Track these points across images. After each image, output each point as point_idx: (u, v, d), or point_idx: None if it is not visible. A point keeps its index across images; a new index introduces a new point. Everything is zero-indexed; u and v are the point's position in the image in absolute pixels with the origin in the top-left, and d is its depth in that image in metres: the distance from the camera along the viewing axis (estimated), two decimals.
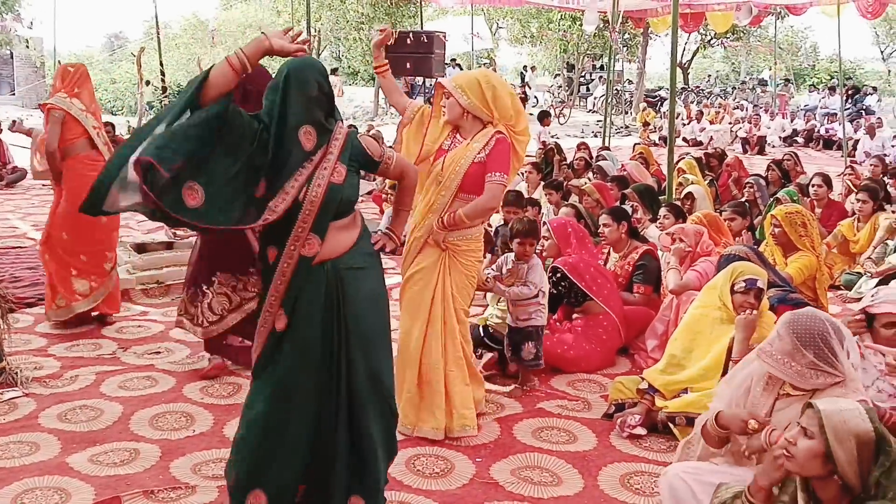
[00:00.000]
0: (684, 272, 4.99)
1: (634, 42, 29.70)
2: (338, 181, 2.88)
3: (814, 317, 2.74)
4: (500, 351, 4.82)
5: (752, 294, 3.88)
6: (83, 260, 5.45)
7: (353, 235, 2.99)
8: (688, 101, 24.04)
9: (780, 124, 19.88)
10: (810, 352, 2.66)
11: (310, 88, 2.83)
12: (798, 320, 2.73)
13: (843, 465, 2.19)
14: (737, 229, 6.10)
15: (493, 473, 3.65)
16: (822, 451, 2.21)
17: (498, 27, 32.92)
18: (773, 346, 2.74)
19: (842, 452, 2.19)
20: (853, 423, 2.20)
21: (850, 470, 2.19)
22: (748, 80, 31.19)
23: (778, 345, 2.72)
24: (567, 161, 10.56)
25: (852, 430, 2.20)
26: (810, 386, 2.69)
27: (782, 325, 2.76)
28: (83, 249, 5.44)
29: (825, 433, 2.21)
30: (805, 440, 2.26)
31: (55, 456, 3.68)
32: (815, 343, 2.67)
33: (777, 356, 2.72)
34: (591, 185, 7.52)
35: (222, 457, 3.70)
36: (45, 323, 5.53)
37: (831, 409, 2.24)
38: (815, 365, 2.67)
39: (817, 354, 2.66)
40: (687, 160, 9.09)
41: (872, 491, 2.16)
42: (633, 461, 3.82)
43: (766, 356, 2.76)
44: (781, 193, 7.47)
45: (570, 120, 24.59)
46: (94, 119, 5.53)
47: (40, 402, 4.25)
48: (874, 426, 2.20)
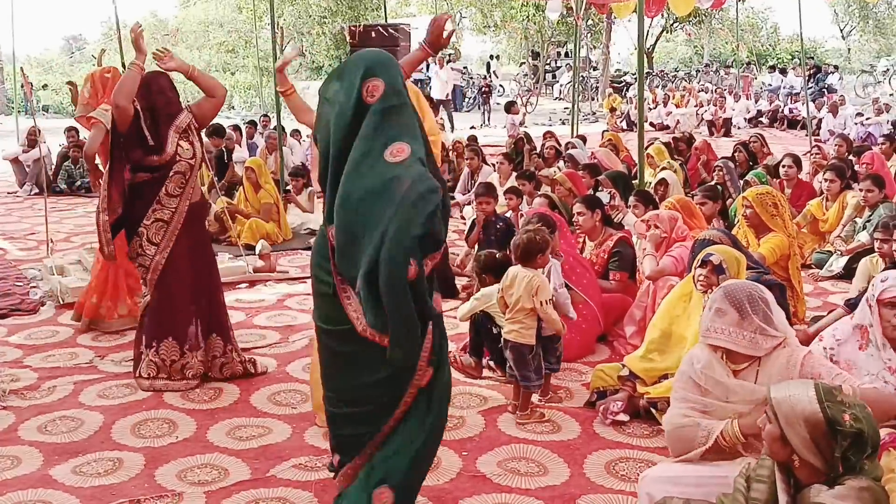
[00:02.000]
0: (660, 258, 5.04)
1: (598, 28, 29.81)
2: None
3: (742, 284, 2.90)
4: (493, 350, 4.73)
5: (707, 268, 3.93)
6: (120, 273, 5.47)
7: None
8: (653, 86, 24.19)
9: (745, 106, 20.09)
10: (758, 315, 2.79)
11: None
12: (733, 291, 2.86)
13: (800, 448, 2.23)
14: (708, 213, 6.15)
15: (480, 466, 3.67)
16: (779, 434, 2.26)
17: (461, 17, 32.88)
18: (717, 323, 2.83)
19: (794, 436, 2.23)
20: (800, 408, 2.23)
21: (808, 452, 2.22)
22: (711, 62, 31.46)
23: (724, 319, 2.82)
24: (536, 150, 10.61)
25: (800, 414, 2.23)
26: (762, 352, 2.80)
27: (720, 300, 2.86)
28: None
29: (778, 418, 2.26)
30: (768, 424, 2.30)
31: (38, 469, 3.64)
32: (757, 305, 2.80)
33: (728, 330, 2.82)
34: (563, 174, 7.56)
35: (207, 462, 3.69)
36: (19, 334, 5.45)
37: (781, 396, 2.28)
38: (763, 329, 2.79)
39: (763, 317, 2.79)
40: (656, 145, 9.17)
41: (840, 468, 2.20)
42: (618, 448, 3.85)
43: (715, 334, 2.84)
44: (750, 175, 7.57)
45: (538, 108, 24.66)
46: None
47: (19, 415, 4.19)
48: (823, 407, 2.21)
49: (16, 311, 5.88)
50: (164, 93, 4.41)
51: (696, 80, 27.26)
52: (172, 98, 4.45)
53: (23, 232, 8.72)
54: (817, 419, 2.21)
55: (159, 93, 4.39)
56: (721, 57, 34.18)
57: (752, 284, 2.90)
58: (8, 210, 10.07)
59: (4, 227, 9.01)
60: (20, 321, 5.71)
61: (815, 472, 2.25)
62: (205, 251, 4.65)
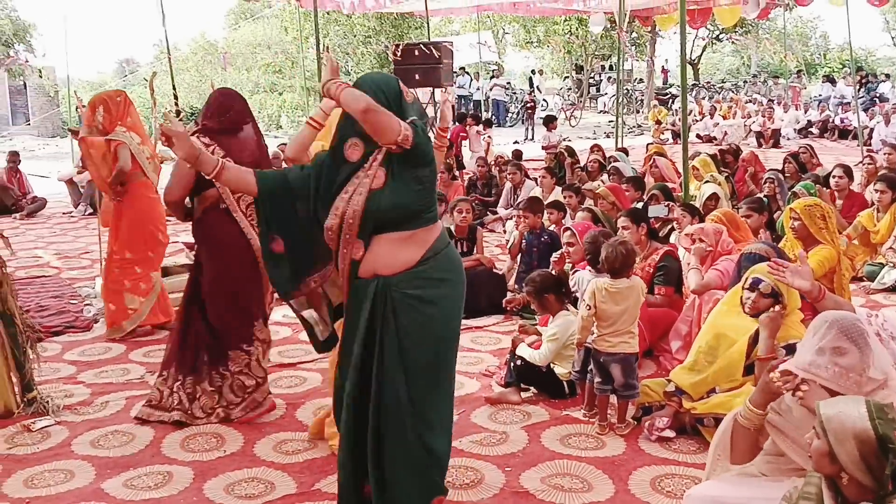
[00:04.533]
0: (705, 272, 4.99)
1: (642, 41, 29.66)
2: (377, 186, 2.85)
3: (852, 319, 2.61)
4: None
5: (756, 293, 3.84)
6: (138, 272, 5.77)
7: (414, 253, 2.90)
8: (699, 98, 23.96)
9: (794, 116, 19.77)
10: (867, 355, 2.55)
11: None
12: (848, 328, 2.57)
13: (849, 465, 2.18)
14: (754, 226, 6.08)
15: (524, 482, 3.66)
16: (828, 451, 2.22)
17: (504, 33, 32.98)
18: (823, 360, 2.55)
19: (843, 453, 2.18)
20: (850, 424, 2.19)
21: (856, 469, 2.18)
22: (759, 73, 31.06)
23: (839, 358, 2.54)
24: (580, 164, 10.57)
25: (850, 430, 2.18)
26: (862, 395, 2.50)
27: (837, 337, 2.55)
28: (140, 264, 5.80)
29: (827, 434, 2.22)
30: (816, 440, 2.26)
31: (90, 482, 3.73)
32: (866, 343, 2.55)
33: (834, 369, 2.55)
34: (606, 187, 7.53)
35: (254, 476, 3.75)
36: (73, 351, 5.60)
37: (831, 412, 2.24)
38: (867, 369, 2.54)
39: (870, 357, 2.54)
40: (701, 157, 9.07)
41: (890, 487, 2.15)
42: (664, 464, 3.81)
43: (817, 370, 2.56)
44: (798, 187, 7.45)
45: (582, 122, 24.60)
46: (149, 149, 5.83)
47: (73, 430, 4.30)
48: (874, 424, 2.17)
49: (70, 328, 6.05)
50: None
51: (744, 90, 26.94)
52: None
53: (77, 251, 8.94)
54: (867, 436, 2.17)
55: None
56: (769, 67, 33.74)
57: (855, 317, 2.63)
58: (63, 230, 10.35)
59: (60, 247, 9.26)
60: (74, 338, 5.87)
61: (863, 490, 2.20)
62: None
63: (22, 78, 27.04)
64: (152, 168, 5.84)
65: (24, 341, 4.47)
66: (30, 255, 8.78)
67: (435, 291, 2.93)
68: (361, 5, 15.67)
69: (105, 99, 5.76)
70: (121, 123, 5.69)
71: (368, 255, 2.89)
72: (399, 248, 2.88)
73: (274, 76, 29.04)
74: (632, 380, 4.19)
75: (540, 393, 4.65)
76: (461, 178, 10.92)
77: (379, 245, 2.88)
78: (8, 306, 4.39)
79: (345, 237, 2.89)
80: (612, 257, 4.22)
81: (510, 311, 6.08)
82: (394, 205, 2.84)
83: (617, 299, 4.17)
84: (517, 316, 6.06)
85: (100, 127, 5.67)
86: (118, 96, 5.84)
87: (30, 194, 11.93)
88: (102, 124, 5.66)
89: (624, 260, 4.22)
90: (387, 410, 2.93)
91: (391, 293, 2.88)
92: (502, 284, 6.53)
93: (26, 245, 9.21)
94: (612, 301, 4.17)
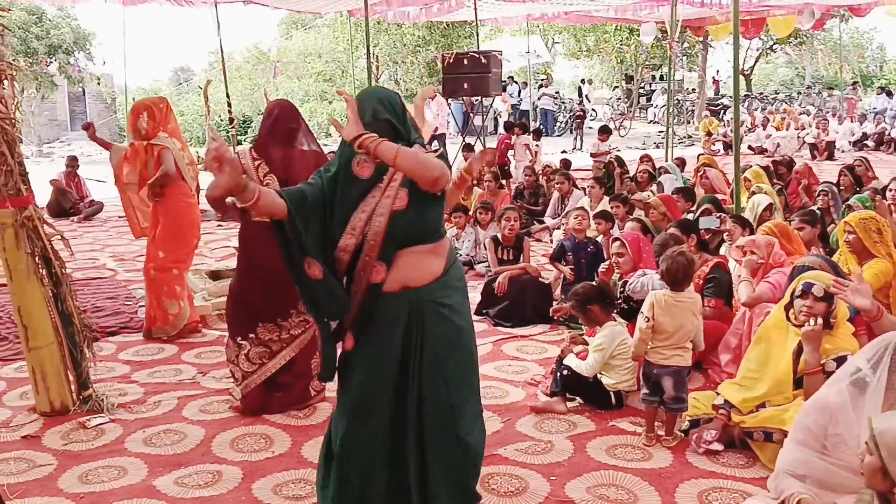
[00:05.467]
0: (756, 284, 4.92)
1: (694, 51, 29.37)
2: (399, 208, 2.83)
3: None
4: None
5: (809, 298, 3.80)
6: (175, 274, 5.92)
7: (438, 264, 2.93)
8: (751, 109, 23.63)
9: (849, 128, 19.40)
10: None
11: (365, 116, 2.81)
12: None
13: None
14: (806, 238, 5.98)
15: (568, 492, 3.65)
16: (880, 466, 2.18)
17: (554, 42, 32.93)
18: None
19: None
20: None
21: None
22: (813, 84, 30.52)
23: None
24: (629, 174, 10.50)
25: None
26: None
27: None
28: (177, 265, 5.96)
29: (880, 450, 2.18)
30: (868, 456, 2.22)
31: (142, 479, 3.81)
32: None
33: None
34: (657, 197, 7.47)
35: (301, 477, 3.79)
36: (127, 351, 5.73)
37: (884, 427, 2.21)
38: None
39: None
40: (754, 169, 8.95)
41: None
42: (711, 477, 3.77)
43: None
44: (853, 200, 7.30)
45: (631, 132, 24.43)
46: (189, 155, 6.01)
47: (126, 428, 4.40)
48: None
49: (124, 328, 6.20)
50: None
51: (798, 102, 26.49)
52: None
53: (132, 254, 9.14)
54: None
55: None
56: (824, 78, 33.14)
57: None
58: (119, 233, 10.59)
59: (115, 249, 9.49)
60: (128, 338, 6.01)
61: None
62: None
63: (81, 85, 27.77)
64: (192, 174, 5.99)
65: (80, 340, 4.59)
66: (87, 257, 9.01)
67: (457, 299, 3.00)
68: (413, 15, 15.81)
69: (149, 105, 5.92)
70: (163, 129, 5.87)
71: (394, 269, 2.87)
72: (425, 260, 2.90)
73: (324, 84, 29.41)
74: (682, 393, 4.13)
75: (586, 403, 4.63)
76: (508, 186, 10.92)
77: (405, 258, 2.88)
78: (67, 306, 4.52)
79: (364, 259, 2.86)
80: (673, 268, 4.13)
81: (556, 320, 6.06)
82: (417, 226, 2.87)
83: (674, 313, 4.09)
84: (564, 325, 6.04)
85: (143, 132, 5.81)
86: (161, 103, 6.01)
87: (87, 198, 12.23)
88: (146, 129, 5.81)
89: (686, 270, 4.15)
90: (430, 421, 2.93)
91: (424, 304, 2.89)
92: (548, 294, 6.51)
93: (83, 247, 9.45)
94: (670, 314, 4.09)
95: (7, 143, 4.25)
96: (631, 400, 4.55)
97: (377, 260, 2.84)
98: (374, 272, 2.86)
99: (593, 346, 4.64)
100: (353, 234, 2.83)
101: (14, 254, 4.37)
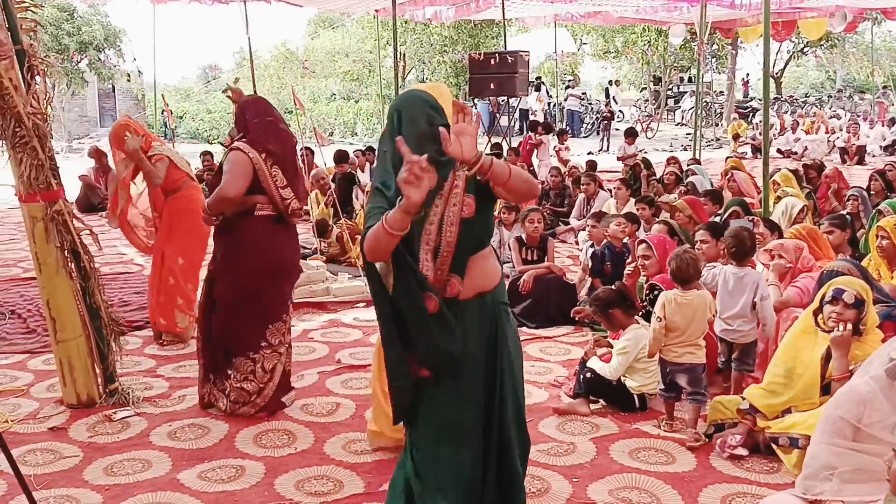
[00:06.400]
0: (784, 288, 4.87)
1: (723, 53, 29.13)
2: (468, 215, 2.67)
3: None
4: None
5: (840, 304, 3.77)
6: (189, 289, 5.84)
7: (497, 266, 2.85)
8: (781, 112, 23.39)
9: (880, 133, 19.13)
10: None
11: (420, 123, 2.65)
12: None
13: None
14: (835, 243, 5.90)
15: (591, 494, 3.63)
16: None
17: (582, 43, 32.80)
18: None
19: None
20: None
21: None
22: (844, 87, 30.16)
23: None
24: (656, 176, 10.43)
25: None
26: None
27: None
28: (193, 270, 5.91)
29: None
30: (895, 463, 2.20)
31: (166, 472, 3.85)
32: None
33: None
34: (684, 200, 7.41)
35: (323, 474, 3.81)
36: (153, 345, 5.78)
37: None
38: None
39: None
40: (783, 172, 8.86)
41: None
42: (735, 482, 3.73)
43: None
44: (884, 205, 7.19)
45: (658, 134, 24.28)
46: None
47: (151, 421, 4.45)
48: None
49: (150, 323, 6.24)
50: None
51: (828, 105, 26.19)
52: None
53: None
54: None
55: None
56: (855, 82, 32.72)
57: None
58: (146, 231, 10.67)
59: None
60: None
61: None
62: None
63: (111, 82, 28.07)
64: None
65: (108, 334, 4.64)
66: (114, 252, 9.11)
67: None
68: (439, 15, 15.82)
69: (124, 125, 5.80)
70: (149, 138, 5.83)
71: (468, 278, 2.74)
72: (488, 263, 2.82)
73: (352, 84, 29.50)
74: (699, 388, 4.22)
75: (609, 405, 4.61)
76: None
77: (475, 264, 2.76)
78: (95, 300, 4.57)
79: (437, 272, 2.69)
80: (683, 266, 4.26)
81: (579, 321, 6.03)
82: (484, 231, 2.79)
83: (685, 310, 4.20)
84: (587, 327, 6.01)
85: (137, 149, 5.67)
86: (126, 122, 5.89)
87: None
88: (140, 145, 5.69)
89: (694, 268, 4.27)
90: (508, 422, 2.86)
91: (497, 306, 2.84)
92: (572, 294, 6.48)
93: (111, 242, 9.54)
94: (681, 312, 4.20)
95: (38, 138, 4.31)
96: (654, 403, 4.53)
97: (449, 272, 2.71)
98: (449, 286, 2.72)
99: (617, 348, 4.62)
100: (429, 248, 2.68)
101: (44, 247, 4.43)
